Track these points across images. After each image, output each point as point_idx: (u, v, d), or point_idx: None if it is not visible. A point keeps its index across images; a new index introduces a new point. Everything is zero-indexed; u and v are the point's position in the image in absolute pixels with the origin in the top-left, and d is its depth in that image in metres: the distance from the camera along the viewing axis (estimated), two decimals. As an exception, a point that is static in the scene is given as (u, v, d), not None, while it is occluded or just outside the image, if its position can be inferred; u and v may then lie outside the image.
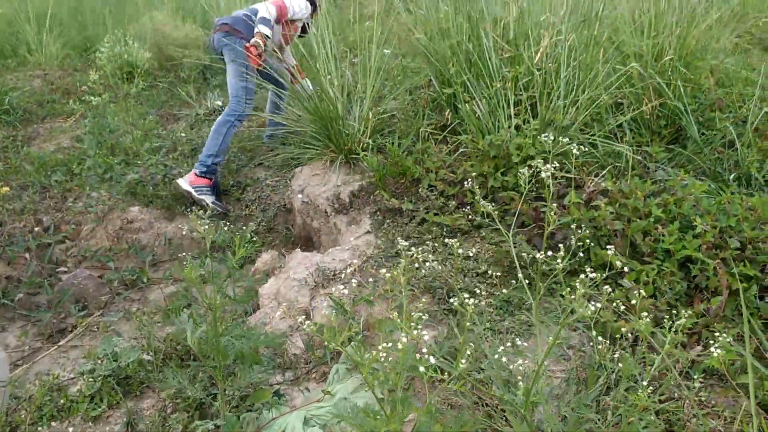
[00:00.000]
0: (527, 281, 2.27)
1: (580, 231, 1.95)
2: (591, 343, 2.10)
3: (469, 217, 2.93)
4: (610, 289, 1.45)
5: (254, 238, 3.58)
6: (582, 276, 1.52)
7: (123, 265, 3.52)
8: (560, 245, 1.53)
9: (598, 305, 1.23)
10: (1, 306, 3.07)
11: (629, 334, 2.21)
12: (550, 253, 1.41)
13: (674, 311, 2.27)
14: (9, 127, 5.28)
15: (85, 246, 3.63)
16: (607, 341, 2.14)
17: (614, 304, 2.17)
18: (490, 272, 2.53)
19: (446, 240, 2.83)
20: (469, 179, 1.93)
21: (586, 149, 3.28)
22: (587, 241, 2.56)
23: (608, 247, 1.57)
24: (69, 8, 8.06)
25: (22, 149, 4.83)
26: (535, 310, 1.43)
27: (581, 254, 2.39)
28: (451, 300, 1.47)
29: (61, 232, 3.74)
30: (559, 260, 1.38)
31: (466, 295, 1.34)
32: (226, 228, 3.54)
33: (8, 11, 7.55)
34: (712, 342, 1.46)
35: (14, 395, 2.21)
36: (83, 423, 2.03)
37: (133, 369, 2.18)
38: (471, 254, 2.67)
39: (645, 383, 1.29)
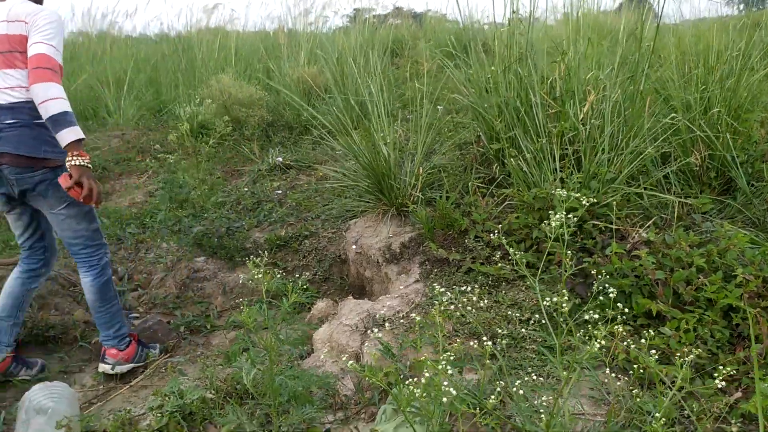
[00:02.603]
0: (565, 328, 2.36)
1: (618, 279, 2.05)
2: (630, 388, 2.15)
3: (515, 266, 3.04)
4: (650, 334, 1.54)
5: (309, 287, 3.78)
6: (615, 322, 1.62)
7: (189, 312, 3.75)
8: (610, 294, 1.63)
9: (629, 345, 1.33)
10: (79, 348, 3.32)
11: (669, 380, 2.26)
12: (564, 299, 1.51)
13: (715, 359, 2.31)
14: (89, 183, 5.71)
15: (155, 294, 3.89)
16: (647, 386, 2.20)
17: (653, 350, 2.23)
18: (533, 320, 2.63)
19: (491, 289, 2.96)
20: (496, 231, 2.05)
21: (630, 200, 3.37)
22: (628, 289, 2.64)
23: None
24: (145, 73, 8.70)
25: (100, 204, 5.22)
26: (558, 351, 1.54)
27: (619, 304, 2.46)
28: (485, 340, 1.59)
29: (134, 280, 4.02)
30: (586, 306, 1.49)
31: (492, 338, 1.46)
32: (279, 276, 3.74)
33: (90, 77, 8.22)
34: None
35: (90, 429, 2.40)
36: (151, 455, 2.21)
37: (196, 406, 2.35)
38: (515, 302, 2.78)
39: (658, 415, 1.36)
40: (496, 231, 2.11)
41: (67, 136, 2.52)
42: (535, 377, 2.31)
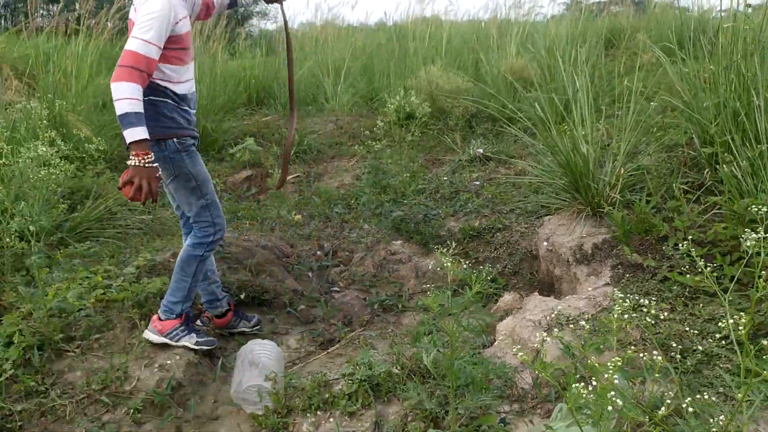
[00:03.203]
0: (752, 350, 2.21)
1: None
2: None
3: (718, 279, 2.87)
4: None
5: (497, 279, 3.86)
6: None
7: (383, 291, 4.02)
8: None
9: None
10: (287, 314, 3.73)
11: None
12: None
13: None
14: (305, 164, 6.30)
15: (354, 271, 4.23)
16: None
17: None
18: (730, 338, 2.48)
19: (688, 301, 2.83)
20: (689, 239, 1.97)
21: None
22: None
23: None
24: (361, 63, 9.27)
25: (313, 184, 5.75)
26: (743, 372, 1.48)
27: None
28: (654, 353, 1.58)
29: (337, 257, 4.40)
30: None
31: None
32: (466, 266, 3.86)
33: (313, 65, 8.96)
34: None
35: (291, 385, 2.73)
36: (341, 416, 2.47)
37: (383, 378, 2.57)
38: (713, 318, 2.64)
39: None
40: (689, 238, 2.03)
41: (127, 136, 2.53)
42: (717, 397, 2.20)
